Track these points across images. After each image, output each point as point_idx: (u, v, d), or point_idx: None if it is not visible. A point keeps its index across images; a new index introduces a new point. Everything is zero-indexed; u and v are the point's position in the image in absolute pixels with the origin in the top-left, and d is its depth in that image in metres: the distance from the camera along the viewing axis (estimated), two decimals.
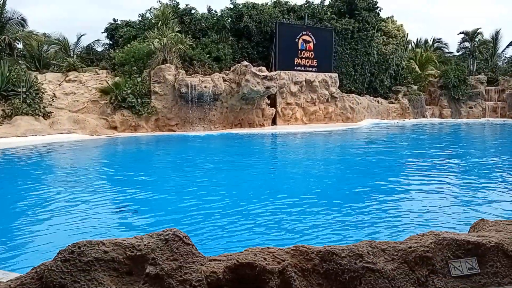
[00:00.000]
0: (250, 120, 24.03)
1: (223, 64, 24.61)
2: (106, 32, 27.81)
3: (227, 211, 6.92)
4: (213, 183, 9.50)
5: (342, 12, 30.58)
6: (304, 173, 11.24)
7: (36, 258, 4.74)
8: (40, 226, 6.18)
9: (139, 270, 1.83)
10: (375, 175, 10.47)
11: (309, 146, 17.75)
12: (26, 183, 9.36)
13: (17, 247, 5.35)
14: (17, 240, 5.62)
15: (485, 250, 2.10)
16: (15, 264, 4.76)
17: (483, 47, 39.67)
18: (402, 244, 2.12)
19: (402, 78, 33.91)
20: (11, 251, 5.18)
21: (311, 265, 1.95)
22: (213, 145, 17.56)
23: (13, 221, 6.49)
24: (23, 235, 5.80)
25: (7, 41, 21.79)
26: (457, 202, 7.54)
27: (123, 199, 8.00)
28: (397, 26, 33.36)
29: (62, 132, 18.37)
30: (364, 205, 7.41)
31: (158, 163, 13.19)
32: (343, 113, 28.77)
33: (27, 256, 4.99)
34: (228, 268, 1.86)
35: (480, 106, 35.17)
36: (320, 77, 27.43)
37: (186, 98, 21.27)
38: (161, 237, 1.94)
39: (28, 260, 4.81)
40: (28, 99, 18.63)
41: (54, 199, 7.80)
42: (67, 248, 1.80)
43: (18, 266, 4.66)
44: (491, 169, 11.34)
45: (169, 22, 23.91)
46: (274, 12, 27.30)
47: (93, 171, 11.24)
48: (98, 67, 24.22)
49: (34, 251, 5.15)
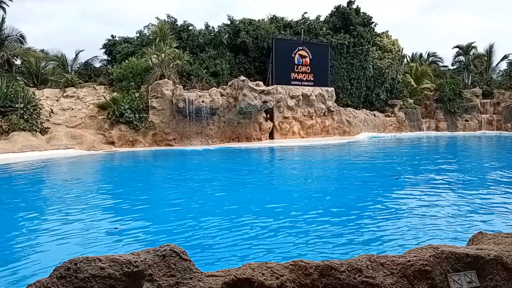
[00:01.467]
0: (247, 134, 24.09)
1: (221, 79, 24.82)
2: (104, 48, 28.04)
3: (226, 226, 6.88)
4: (211, 198, 9.45)
5: (337, 28, 31.03)
6: (302, 187, 11.22)
7: (32, 275, 4.68)
8: (35, 242, 6.12)
9: (136, 287, 1.81)
10: (373, 189, 10.46)
11: (308, 160, 17.76)
12: (22, 199, 9.29)
13: (12, 264, 5.28)
14: (13, 256, 5.55)
15: (484, 263, 2.09)
16: (11, 281, 4.69)
17: (477, 60, 40.22)
18: (401, 258, 2.11)
19: (398, 91, 34.23)
20: (7, 268, 5.10)
21: (310, 280, 1.93)
22: (212, 160, 17.54)
23: (9, 238, 6.42)
24: (19, 252, 5.73)
25: (5, 58, 21.94)
26: (455, 215, 7.53)
27: (119, 215, 7.94)
28: (392, 40, 33.81)
29: (60, 147, 18.35)
30: (363, 219, 7.39)
31: (156, 178, 13.14)
32: (340, 127, 28.91)
33: (23, 273, 4.92)
34: (226, 284, 1.85)
35: (476, 119, 35.44)
36: (317, 91, 27.65)
37: (183, 113, 21.34)
38: (158, 253, 1.93)
39: (23, 277, 4.74)
40: (26, 115, 18.65)
41: (50, 215, 7.73)
42: (63, 265, 1.78)
43: (13, 283, 4.60)
44: (489, 182, 11.35)
45: (167, 38, 24.17)
46: (270, 28, 27.69)
47: (90, 187, 11.18)
48: (96, 83, 24.33)
49: (30, 268, 5.08)
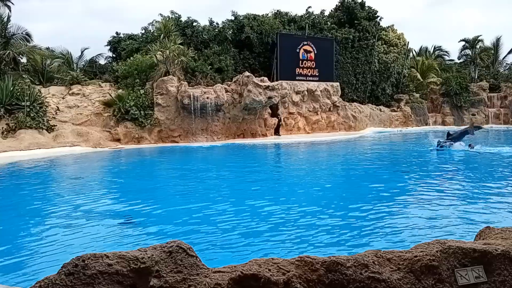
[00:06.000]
0: (252, 130, 24.07)
1: (225, 75, 24.78)
2: (109, 45, 28.11)
3: (232, 222, 6.89)
4: (219, 194, 9.48)
5: (342, 22, 30.81)
6: (308, 182, 11.21)
7: (40, 272, 4.72)
8: (43, 239, 6.17)
9: (143, 283, 1.82)
10: (381, 184, 10.42)
11: (314, 156, 17.73)
12: (29, 197, 9.38)
13: (21, 261, 5.33)
14: (21, 253, 5.61)
15: (492, 258, 2.07)
16: (19, 278, 4.74)
17: (484, 54, 39.82)
18: (407, 253, 2.10)
19: (404, 86, 34.00)
20: (15, 265, 5.16)
21: (316, 275, 1.93)
22: (220, 156, 17.56)
23: (17, 235, 6.49)
24: (27, 249, 5.79)
25: (11, 56, 22.04)
26: (462, 209, 7.48)
27: (127, 211, 7.98)
28: (397, 34, 33.55)
29: (66, 145, 18.45)
30: (369, 214, 7.37)
31: (164, 175, 13.19)
32: (345, 122, 28.78)
33: (31, 270, 4.97)
34: (232, 280, 1.85)
35: (482, 113, 35.13)
36: (322, 87, 27.53)
37: (188, 109, 21.36)
38: (165, 249, 1.93)
39: (32, 274, 4.79)
40: (32, 113, 18.78)
41: (58, 212, 7.80)
42: (71, 262, 1.80)
43: (22, 280, 4.65)
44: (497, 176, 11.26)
45: (171, 34, 24.15)
46: (275, 23, 27.55)
47: (97, 184, 11.26)
48: (101, 80, 24.42)
49: (38, 265, 5.13)
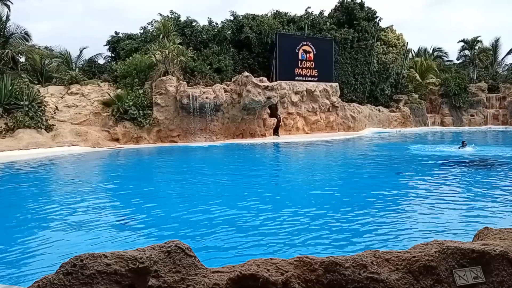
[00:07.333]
0: (251, 130, 24.08)
1: (224, 75, 24.79)
2: (108, 45, 28.11)
3: (231, 222, 6.89)
4: (218, 194, 9.47)
5: (341, 22, 30.85)
6: (307, 183, 11.21)
7: (38, 272, 4.71)
8: (42, 239, 6.16)
9: (141, 283, 1.82)
10: (379, 185, 10.43)
11: (312, 156, 17.74)
12: (28, 196, 9.36)
13: (19, 260, 5.32)
14: (19, 253, 5.60)
15: (490, 258, 2.08)
16: (18, 278, 4.73)
17: (483, 55, 39.91)
18: (406, 254, 2.10)
19: (402, 86, 34.05)
20: (13, 265, 5.15)
21: (315, 276, 1.93)
22: (219, 156, 17.54)
23: (15, 235, 6.48)
24: (25, 249, 5.78)
25: (10, 55, 22.01)
26: (460, 210, 7.50)
27: (125, 211, 7.98)
28: (396, 35, 33.58)
29: (64, 144, 18.42)
30: (367, 215, 7.37)
31: (163, 175, 13.18)
32: (344, 122, 28.81)
33: (29, 270, 4.96)
34: (231, 280, 1.85)
35: (481, 113, 35.20)
36: (321, 87, 27.55)
37: (187, 109, 21.35)
38: (164, 249, 1.93)
39: (30, 274, 4.78)
40: (31, 112, 18.74)
41: (56, 211, 7.79)
42: (69, 261, 1.79)
43: (20, 280, 4.64)
44: (495, 177, 11.28)
45: (170, 34, 24.15)
46: (274, 23, 27.57)
47: (95, 184, 11.24)
48: (100, 80, 24.41)
49: (36, 265, 5.12)
